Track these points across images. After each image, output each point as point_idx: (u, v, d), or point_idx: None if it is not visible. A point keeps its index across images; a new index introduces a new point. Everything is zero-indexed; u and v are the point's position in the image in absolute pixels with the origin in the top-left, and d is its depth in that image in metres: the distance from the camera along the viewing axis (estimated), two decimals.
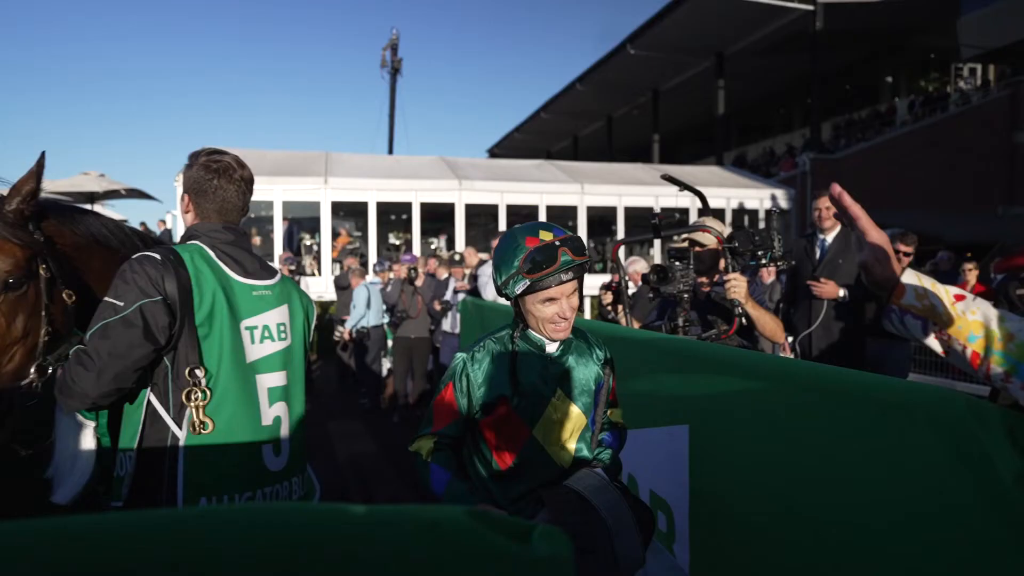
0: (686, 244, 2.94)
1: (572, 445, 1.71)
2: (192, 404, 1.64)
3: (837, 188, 1.22)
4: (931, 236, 14.50)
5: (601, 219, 13.93)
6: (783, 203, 14.11)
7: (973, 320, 1.13)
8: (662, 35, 19.57)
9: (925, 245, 14.09)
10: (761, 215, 14.09)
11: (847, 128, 22.63)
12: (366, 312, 7.65)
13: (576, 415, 1.71)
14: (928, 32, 19.26)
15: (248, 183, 1.87)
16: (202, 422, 1.65)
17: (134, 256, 1.66)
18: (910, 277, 1.18)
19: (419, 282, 6.74)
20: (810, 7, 18.09)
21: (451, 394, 1.69)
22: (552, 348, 1.71)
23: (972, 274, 7.15)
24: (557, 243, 1.58)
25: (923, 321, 1.16)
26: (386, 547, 0.60)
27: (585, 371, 1.75)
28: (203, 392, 1.65)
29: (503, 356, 1.70)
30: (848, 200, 1.20)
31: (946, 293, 1.16)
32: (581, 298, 1.69)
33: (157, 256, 1.65)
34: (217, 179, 1.79)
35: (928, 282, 1.17)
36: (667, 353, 2.22)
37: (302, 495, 1.93)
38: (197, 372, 1.65)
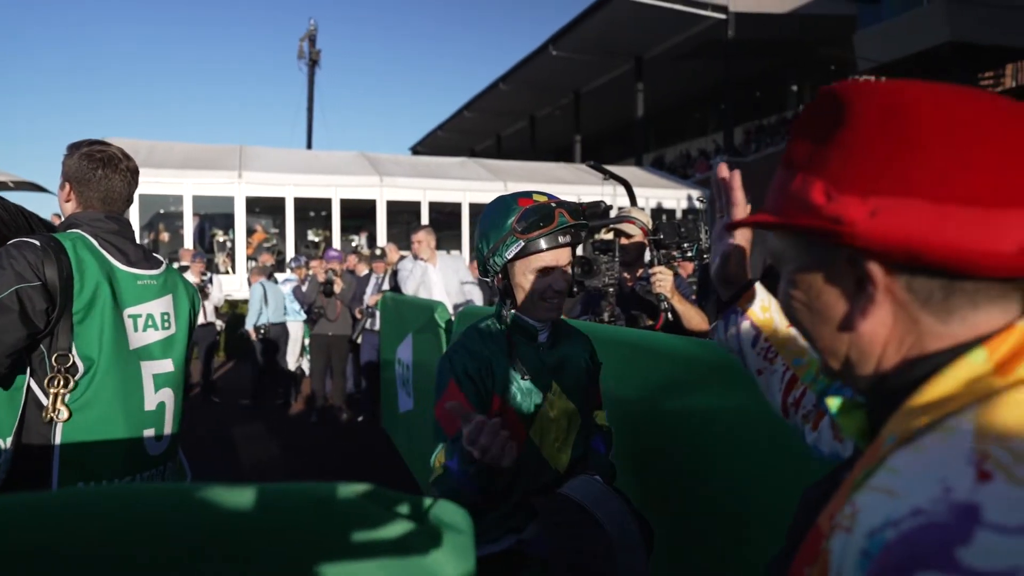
0: (611, 236, 2.84)
1: (568, 446, 1.54)
2: (53, 390, 1.65)
3: (725, 169, 1.11)
4: None
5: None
6: (698, 204, 14.65)
7: (803, 344, 1.07)
8: (583, 37, 19.92)
9: None
10: (679, 215, 14.58)
11: (757, 133, 23.74)
12: (263, 309, 7.46)
13: (572, 412, 1.55)
14: (829, 44, 20.46)
15: (133, 174, 1.88)
16: (57, 409, 1.65)
17: (11, 242, 1.66)
18: (759, 287, 1.13)
19: (337, 288, 6.53)
20: (722, 16, 18.86)
21: (456, 393, 1.45)
22: (544, 336, 1.55)
23: None
24: (553, 204, 1.46)
25: (756, 332, 1.11)
26: (271, 526, 0.56)
27: (577, 362, 1.60)
28: (65, 378, 1.66)
29: (497, 346, 1.51)
30: (737, 183, 1.10)
31: (779, 312, 1.11)
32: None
33: (36, 242, 1.64)
34: (102, 169, 1.80)
35: (768, 296, 1.13)
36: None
37: (174, 480, 1.98)
38: (65, 358, 1.66)
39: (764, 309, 1.12)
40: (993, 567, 0.40)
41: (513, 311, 1.52)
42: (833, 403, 0.65)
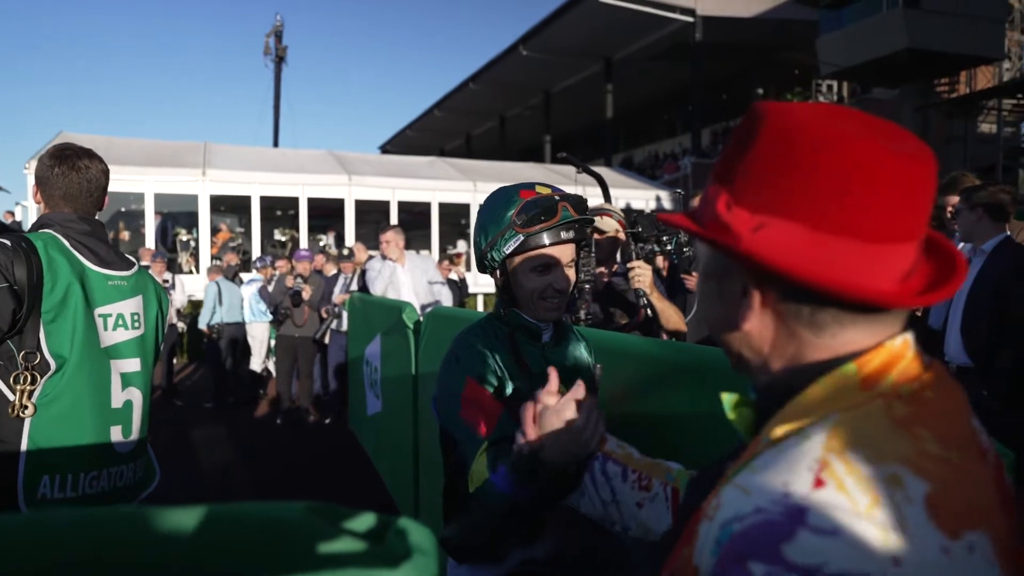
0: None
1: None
2: (20, 387, 1.68)
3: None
4: None
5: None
6: (667, 204, 14.79)
7: (663, 461, 1.11)
8: (553, 38, 19.95)
9: None
10: None
11: (724, 135, 24.05)
12: (216, 308, 7.38)
13: None
14: (793, 49, 20.82)
15: (98, 173, 1.90)
16: (23, 405, 1.68)
17: None
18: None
19: (305, 296, 6.42)
20: (690, 19, 19.07)
21: (478, 390, 1.29)
22: (548, 336, 1.44)
23: None
24: (557, 197, 1.36)
25: (622, 468, 1.11)
26: (205, 552, 0.53)
27: (580, 365, 1.49)
28: (32, 376, 1.70)
29: (502, 345, 1.38)
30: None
31: (631, 446, 1.16)
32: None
33: (7, 242, 1.67)
34: (58, 167, 1.84)
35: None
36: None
37: (142, 477, 2.01)
38: (33, 356, 1.70)
39: (620, 446, 1.15)
40: (806, 562, 0.47)
41: (513, 309, 1.40)
42: (727, 399, 0.70)
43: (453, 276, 8.73)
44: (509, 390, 1.33)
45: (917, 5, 15.44)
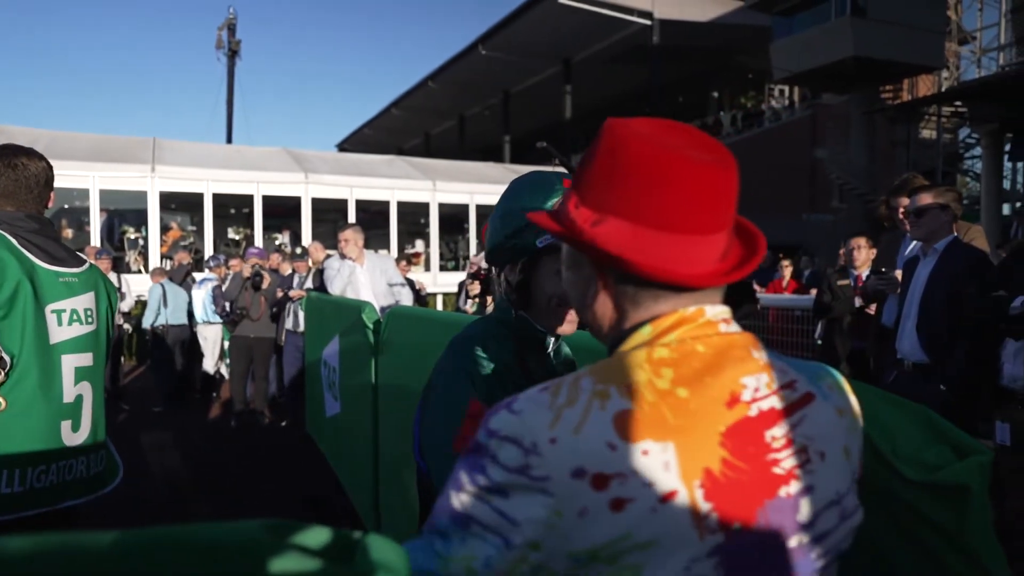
0: None
1: None
2: None
3: None
4: None
5: (453, 217, 13.90)
6: None
7: None
8: (512, 38, 19.97)
9: None
10: None
11: None
12: (161, 310, 7.22)
13: None
14: (747, 54, 21.32)
15: (38, 170, 1.92)
16: None
17: None
18: None
19: (265, 284, 6.26)
20: (647, 22, 19.33)
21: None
22: (552, 344, 1.27)
23: (787, 270, 7.99)
24: None
25: None
26: None
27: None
28: None
29: (507, 354, 1.19)
30: None
31: None
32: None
33: None
34: None
35: None
36: None
37: (100, 471, 2.02)
38: None
39: None
40: (492, 427, 0.66)
41: (521, 312, 1.21)
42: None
43: (411, 276, 8.62)
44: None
45: (863, 15, 15.97)
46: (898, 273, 3.41)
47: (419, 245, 13.83)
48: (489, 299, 5.40)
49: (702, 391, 0.67)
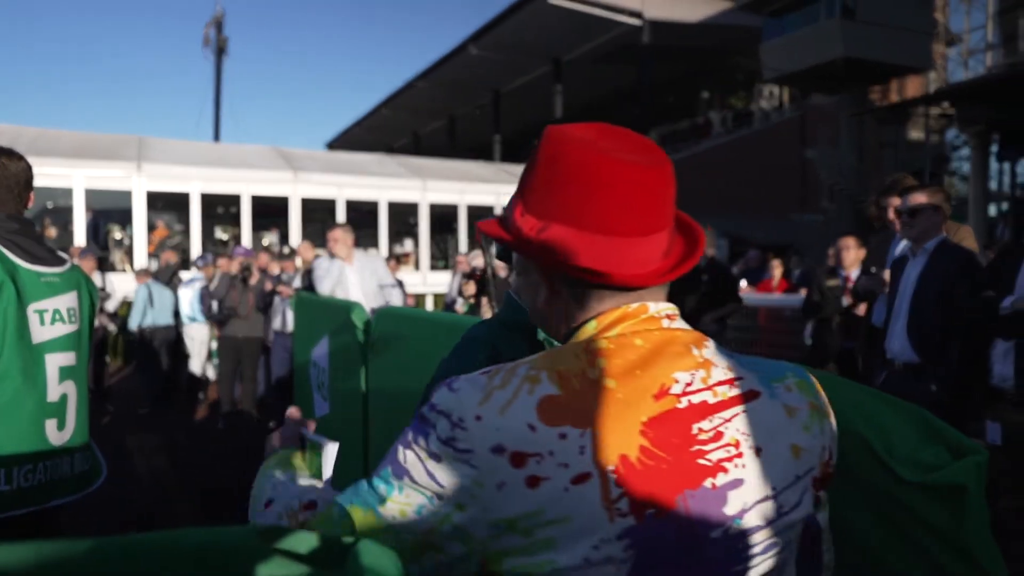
0: None
1: None
2: None
3: None
4: (741, 238, 16.14)
5: (443, 217, 13.86)
6: None
7: None
8: (503, 37, 19.94)
9: (737, 245, 15.68)
10: None
11: (670, 138, 24.53)
12: (148, 310, 7.16)
13: None
14: (737, 54, 21.40)
15: (18, 171, 1.92)
16: None
17: None
18: None
19: (253, 280, 6.22)
20: (637, 22, 19.37)
21: None
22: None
23: (778, 270, 8.04)
24: None
25: None
26: None
27: None
28: None
29: (521, 355, 1.10)
30: None
31: None
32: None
33: None
34: None
35: None
36: None
37: (85, 470, 2.04)
38: None
39: None
40: (432, 402, 0.71)
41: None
42: None
43: (400, 276, 8.60)
44: None
45: (853, 16, 16.08)
46: (886, 273, 3.42)
47: (408, 245, 13.78)
48: (485, 300, 5.37)
49: (630, 382, 0.71)
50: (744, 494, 0.72)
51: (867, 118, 17.47)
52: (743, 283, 8.37)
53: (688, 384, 0.73)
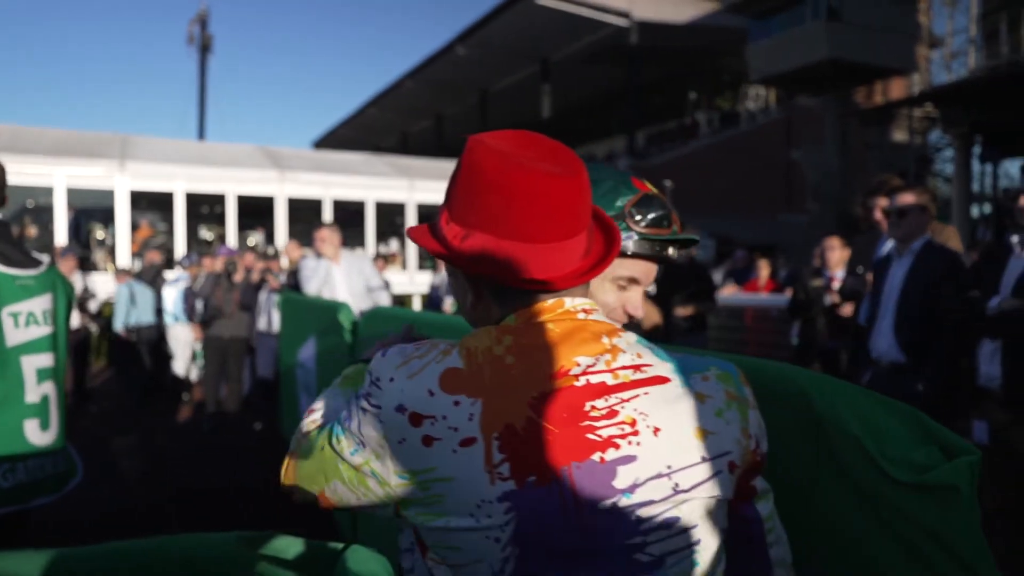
0: None
1: None
2: None
3: None
4: (728, 238, 16.23)
5: (430, 216, 13.76)
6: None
7: None
8: (490, 37, 19.93)
9: (723, 245, 15.76)
10: None
11: (659, 138, 24.63)
12: (131, 310, 7.11)
13: None
14: (724, 55, 21.53)
15: None
16: None
17: None
18: None
19: (238, 277, 6.16)
20: (625, 23, 19.42)
21: None
22: None
23: (765, 270, 8.08)
24: (669, 205, 1.11)
25: None
26: None
27: None
28: None
29: None
30: None
31: None
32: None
33: None
34: None
35: None
36: None
37: (65, 470, 2.07)
38: None
39: None
40: (371, 366, 0.81)
41: None
42: None
43: (387, 276, 8.56)
44: None
45: (838, 18, 16.23)
46: (871, 274, 3.44)
47: (394, 245, 13.73)
48: None
49: (529, 360, 0.77)
50: (637, 470, 0.75)
51: (852, 119, 17.63)
52: (731, 283, 8.41)
53: (590, 366, 0.77)
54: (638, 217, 1.06)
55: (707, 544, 0.79)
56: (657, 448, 0.76)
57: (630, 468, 0.75)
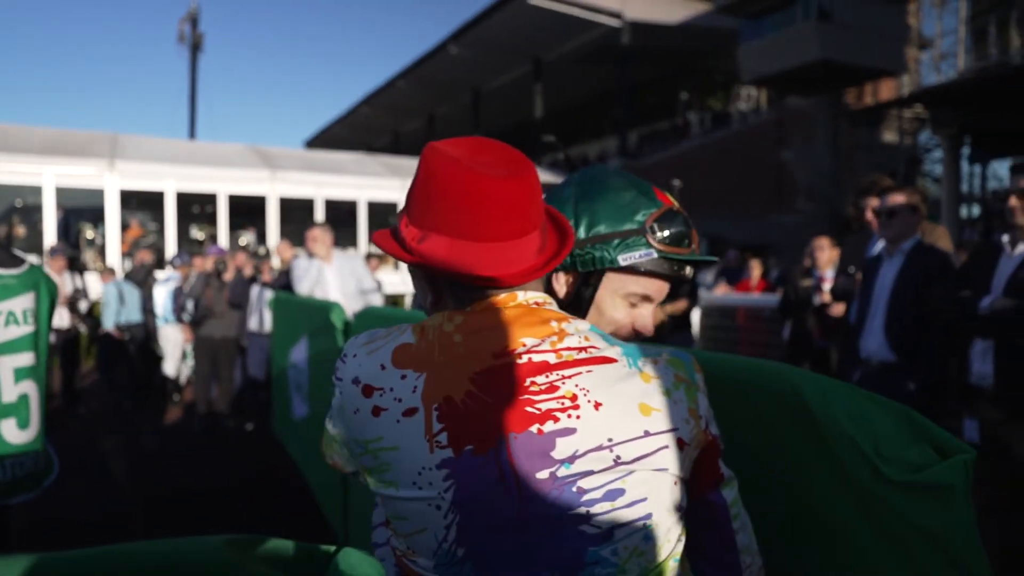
0: None
1: None
2: None
3: None
4: (720, 238, 16.28)
5: None
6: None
7: None
8: (483, 36, 19.91)
9: (715, 245, 15.81)
10: None
11: (650, 138, 24.68)
12: (119, 308, 7.09)
13: None
14: (716, 56, 21.60)
15: None
16: None
17: None
18: None
19: (228, 276, 6.13)
20: (617, 24, 19.45)
21: None
22: None
23: (756, 270, 8.10)
24: (690, 223, 1.07)
25: None
26: None
27: None
28: None
29: None
30: None
31: None
32: None
33: None
34: None
35: None
36: None
37: (43, 468, 2.08)
38: None
39: None
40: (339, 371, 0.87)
41: None
42: None
43: (379, 276, 8.54)
44: None
45: (829, 19, 16.32)
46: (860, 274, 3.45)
47: None
48: None
49: (476, 339, 0.81)
50: (576, 442, 0.77)
51: (842, 120, 17.73)
52: (723, 282, 8.43)
53: (535, 346, 0.81)
54: (659, 233, 1.02)
55: (660, 520, 0.80)
56: (597, 421, 0.77)
57: (569, 440, 0.77)
